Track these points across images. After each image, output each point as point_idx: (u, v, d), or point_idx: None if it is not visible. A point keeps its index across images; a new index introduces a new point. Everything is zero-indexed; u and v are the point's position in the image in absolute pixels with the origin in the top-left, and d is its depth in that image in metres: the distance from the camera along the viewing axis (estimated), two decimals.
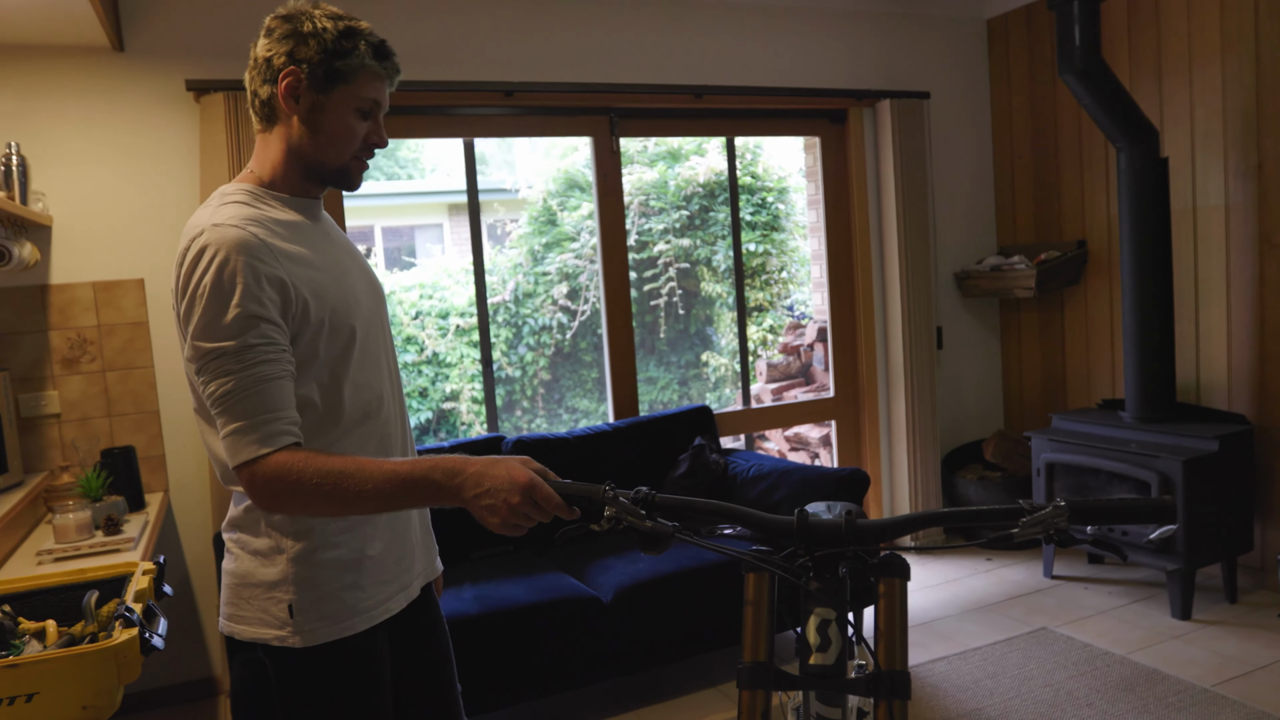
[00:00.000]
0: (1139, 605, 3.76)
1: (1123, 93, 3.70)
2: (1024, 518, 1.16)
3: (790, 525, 1.20)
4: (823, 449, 5.89)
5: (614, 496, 1.23)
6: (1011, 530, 1.16)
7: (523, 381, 7.35)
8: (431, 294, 7.27)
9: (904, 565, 1.20)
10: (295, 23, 1.45)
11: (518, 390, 7.37)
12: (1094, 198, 4.44)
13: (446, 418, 7.14)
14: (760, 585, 1.22)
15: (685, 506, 1.24)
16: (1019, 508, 1.16)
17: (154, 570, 1.99)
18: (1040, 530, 1.15)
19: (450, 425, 7.11)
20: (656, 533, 1.21)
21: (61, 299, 3.23)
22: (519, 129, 4.02)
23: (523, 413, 7.41)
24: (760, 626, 1.21)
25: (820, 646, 1.18)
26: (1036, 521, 1.15)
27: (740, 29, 4.29)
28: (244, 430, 1.32)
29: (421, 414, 7.01)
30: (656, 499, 1.23)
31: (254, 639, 1.50)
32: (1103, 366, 4.49)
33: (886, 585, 1.20)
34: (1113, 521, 1.16)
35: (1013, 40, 4.78)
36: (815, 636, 1.18)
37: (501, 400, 7.22)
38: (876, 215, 4.61)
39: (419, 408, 7.01)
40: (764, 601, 1.22)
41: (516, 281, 7.29)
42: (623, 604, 3.10)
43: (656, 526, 1.21)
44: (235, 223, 1.38)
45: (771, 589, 1.23)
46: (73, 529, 2.58)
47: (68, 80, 3.21)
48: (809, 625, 1.19)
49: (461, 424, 7.09)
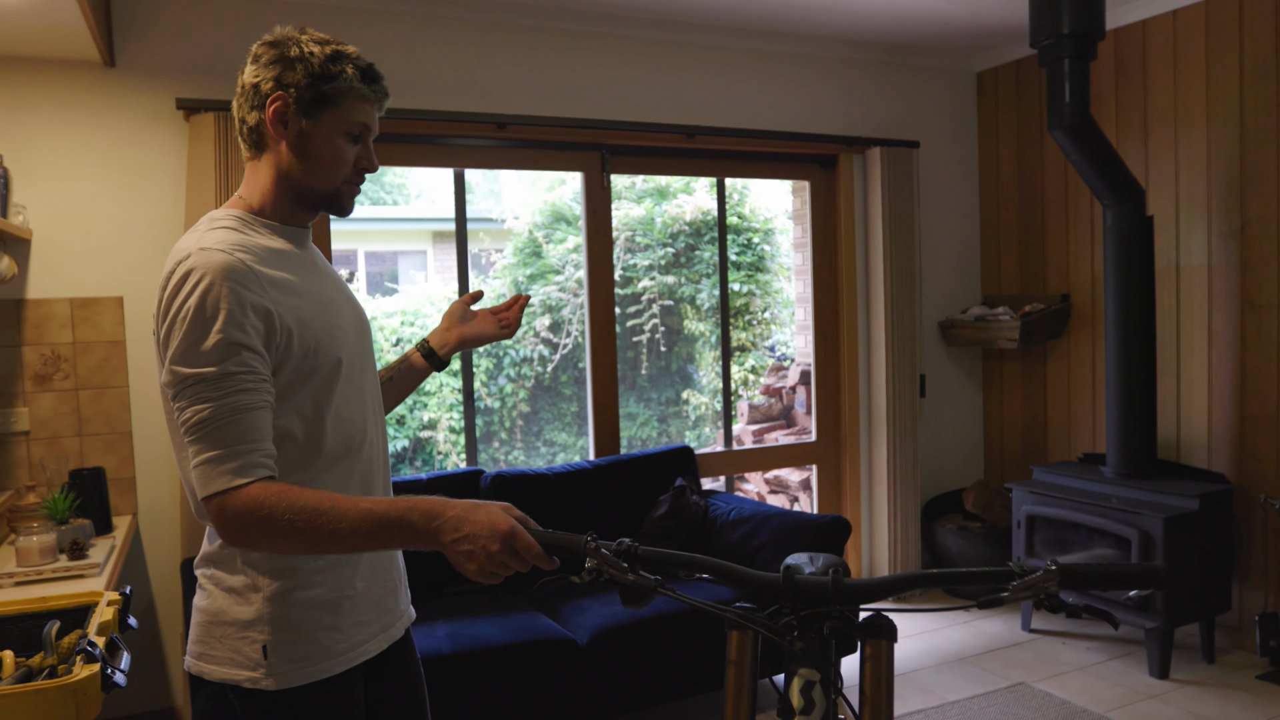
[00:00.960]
0: (1117, 662, 3.74)
1: (1110, 151, 3.74)
2: (1015, 580, 1.14)
3: (776, 583, 1.17)
4: (802, 492, 5.87)
5: (596, 548, 1.19)
6: (1001, 593, 1.13)
7: (501, 413, 7.30)
8: (413, 321, 7.23)
9: (891, 626, 1.18)
10: (282, 48, 1.44)
11: (496, 421, 7.32)
12: (1079, 252, 4.48)
13: (423, 446, 7.07)
14: (744, 644, 1.19)
15: (669, 560, 1.21)
16: (1009, 570, 1.14)
17: (119, 601, 1.93)
18: (1031, 594, 1.12)
19: (427, 454, 7.04)
20: (639, 586, 1.18)
21: (37, 314, 3.17)
22: (510, 161, 4.02)
23: (500, 444, 7.35)
24: (743, 688, 1.18)
25: (804, 709, 1.15)
26: (1027, 585, 1.13)
27: (734, 71, 4.32)
28: (217, 460, 1.27)
29: (398, 441, 6.94)
30: (639, 551, 1.20)
31: (224, 679, 1.45)
32: (1084, 420, 4.50)
33: (873, 647, 1.17)
34: (1104, 587, 1.14)
35: (1002, 94, 4.84)
36: (799, 699, 1.15)
37: (480, 431, 7.16)
38: (863, 261, 4.63)
39: (395, 434, 6.94)
40: (746, 661, 1.19)
41: None
42: (599, 647, 3.05)
43: (639, 580, 1.18)
44: (223, 248, 1.36)
45: (755, 648, 1.20)
46: (36, 552, 2.51)
47: (56, 93, 3.18)
48: (793, 686, 1.16)
49: (438, 453, 7.02)
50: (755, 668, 1.19)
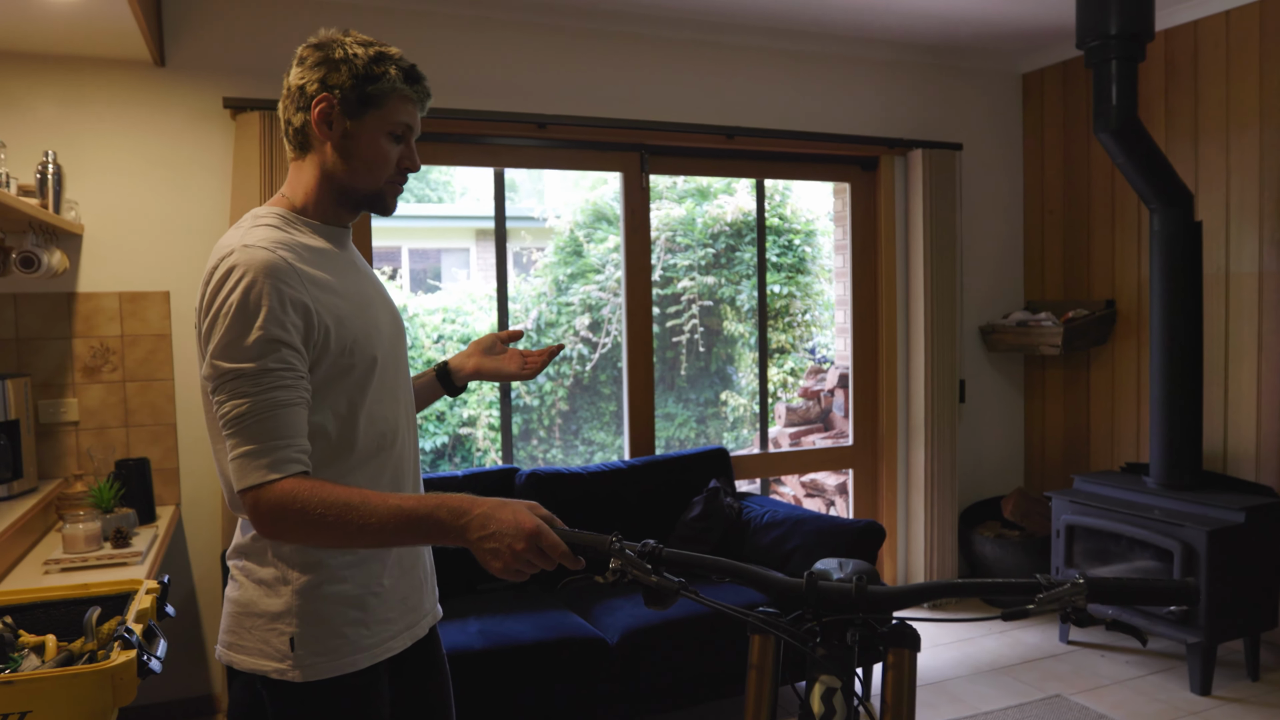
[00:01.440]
0: (1157, 677, 3.67)
1: (1158, 154, 3.67)
2: (1041, 594, 1.12)
3: (799, 588, 1.16)
4: (838, 496, 5.83)
5: (620, 549, 1.20)
6: (1027, 606, 1.12)
7: (540, 411, 7.34)
8: (454, 319, 7.30)
9: (914, 636, 1.17)
10: (327, 50, 1.47)
11: (535, 420, 7.36)
12: (1125, 257, 4.40)
13: (462, 443, 7.13)
14: (765, 648, 1.19)
15: (692, 563, 1.21)
16: (1036, 583, 1.12)
17: (158, 589, 1.98)
18: (1057, 607, 1.11)
19: (466, 450, 7.10)
20: (661, 588, 1.18)
21: (87, 307, 3.25)
22: (550, 161, 4.04)
23: (539, 442, 7.39)
24: (764, 693, 1.18)
25: (824, 716, 1.14)
26: (1054, 598, 1.11)
27: (774, 73, 4.30)
28: (254, 454, 1.30)
29: (437, 438, 7.00)
30: (663, 553, 1.20)
31: (252, 670, 1.47)
32: (1128, 429, 4.42)
33: (896, 656, 1.16)
34: (1133, 602, 1.12)
35: (1048, 95, 4.77)
36: (820, 705, 1.15)
37: (519, 429, 7.21)
38: (904, 264, 4.59)
39: (435, 431, 7.01)
40: (768, 666, 1.19)
41: (539, 310, 7.30)
42: (629, 647, 3.05)
43: (662, 582, 1.18)
44: (266, 245, 1.38)
45: (777, 653, 1.19)
46: (81, 539, 2.58)
47: (107, 92, 3.26)
48: (814, 692, 1.16)
49: (477, 449, 7.08)
50: (777, 672, 1.19)
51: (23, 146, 3.10)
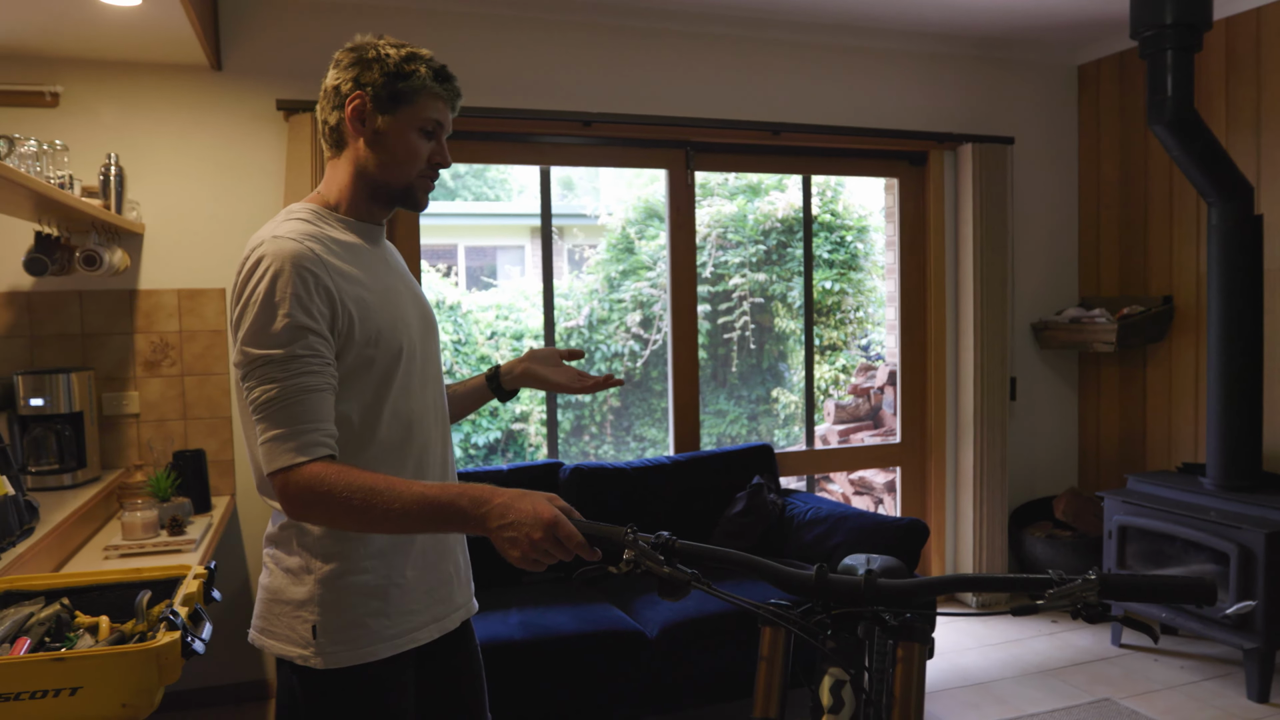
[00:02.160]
0: (1212, 683, 3.58)
1: (1216, 146, 3.57)
2: (1051, 589, 1.11)
3: (809, 581, 1.17)
4: (887, 495, 5.78)
5: (634, 539, 1.22)
6: (1037, 601, 1.11)
7: (592, 407, 7.39)
8: (507, 315, 7.39)
9: (924, 630, 1.17)
10: (360, 52, 1.53)
11: (587, 416, 7.41)
12: (1183, 252, 4.29)
13: (515, 438, 7.22)
14: (776, 640, 1.20)
15: (705, 555, 1.23)
16: (1048, 578, 1.12)
17: (205, 575, 2.05)
18: (1068, 603, 1.10)
19: (518, 446, 7.18)
20: (673, 579, 1.20)
21: (148, 304, 3.37)
22: (595, 159, 4.07)
23: (591, 438, 7.44)
24: (773, 682, 1.19)
25: (833, 708, 1.16)
26: (1064, 594, 1.10)
27: (820, 68, 4.28)
28: (282, 438, 1.35)
29: (490, 433, 7.10)
30: (676, 545, 1.22)
31: (280, 654, 1.53)
32: (1185, 428, 4.30)
33: (905, 650, 1.17)
34: (1147, 600, 1.10)
35: (1104, 86, 4.66)
36: (828, 697, 1.16)
37: (570, 425, 7.28)
38: (953, 260, 4.53)
39: (488, 427, 7.10)
40: (778, 657, 1.20)
41: (591, 307, 7.35)
42: (668, 640, 3.07)
43: (674, 573, 1.20)
44: (294, 237, 1.43)
45: (787, 645, 1.21)
46: (139, 527, 2.68)
47: (167, 96, 3.38)
48: (823, 684, 1.17)
49: (529, 445, 7.16)
50: (787, 664, 1.20)
51: (87, 149, 3.22)
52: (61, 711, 1.56)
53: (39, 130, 3.12)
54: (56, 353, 3.27)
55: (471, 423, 7.02)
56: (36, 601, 1.91)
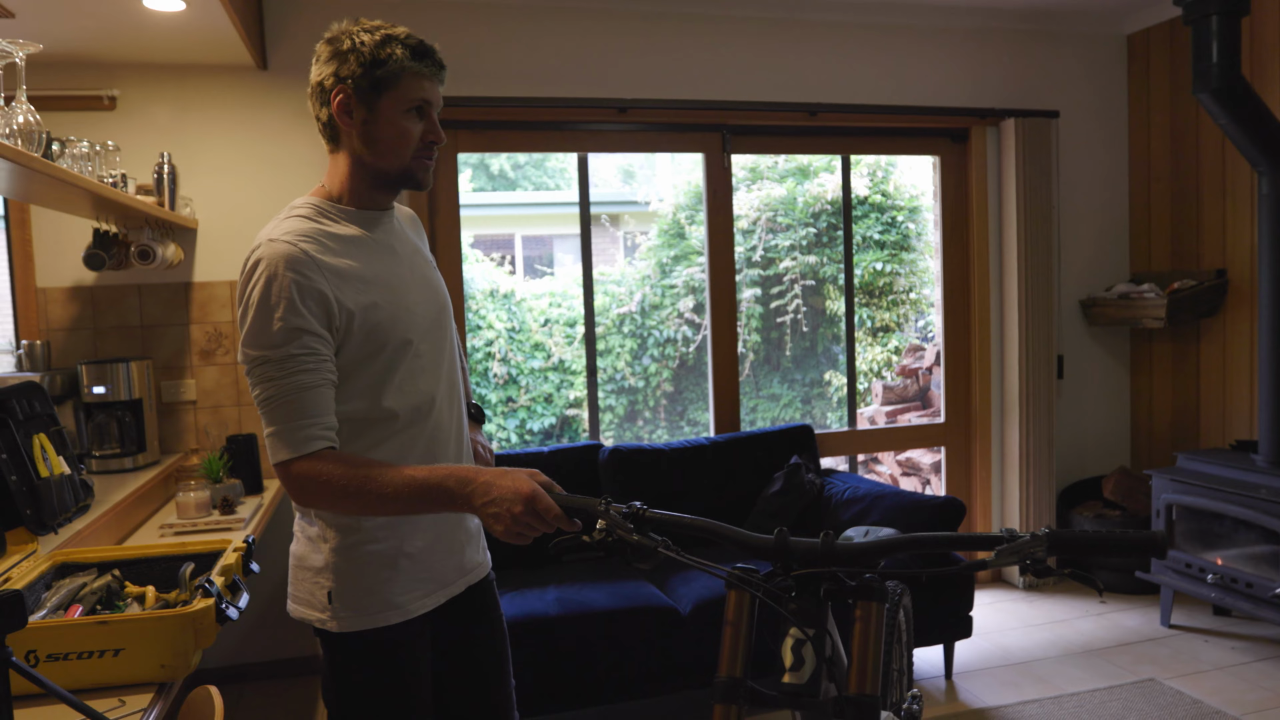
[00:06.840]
0: (1263, 664, 3.50)
1: (1265, 113, 3.47)
2: (1002, 545, 1.14)
3: (769, 545, 1.22)
4: (934, 475, 5.73)
5: (607, 510, 1.28)
6: (985, 559, 1.15)
7: (645, 392, 7.46)
8: (560, 303, 7.49)
9: (882, 590, 1.21)
10: (336, 44, 1.56)
11: (640, 400, 7.49)
12: (1238, 225, 4.17)
13: (569, 423, 7.33)
14: (740, 603, 1.26)
15: (673, 523, 1.28)
16: (998, 536, 1.15)
17: (244, 549, 2.18)
18: (1016, 559, 1.13)
19: (573, 431, 7.29)
20: (641, 547, 1.26)
21: (202, 296, 3.54)
22: (632, 144, 4.12)
23: (644, 423, 7.51)
24: (738, 644, 1.24)
25: (793, 666, 1.20)
26: (1013, 550, 1.13)
27: (855, 47, 4.26)
28: (281, 434, 1.44)
29: (545, 419, 7.22)
30: (647, 514, 1.28)
31: (303, 618, 1.63)
32: (1241, 405, 4.19)
33: (863, 609, 1.21)
34: (1096, 554, 1.13)
35: (1154, 56, 4.54)
36: (789, 656, 1.21)
37: (624, 410, 7.35)
38: (997, 237, 4.47)
39: (543, 413, 7.22)
40: (743, 620, 1.25)
41: (643, 293, 7.41)
42: (701, 618, 3.13)
43: (642, 540, 1.26)
44: (288, 238, 1.49)
45: (752, 608, 1.26)
46: (193, 506, 2.84)
47: (216, 96, 3.53)
48: (784, 644, 1.21)
49: (583, 430, 7.26)
50: (752, 628, 1.25)
51: (141, 149, 3.39)
52: (106, 671, 1.69)
53: (98, 132, 3.29)
54: (117, 343, 3.46)
55: (527, 409, 7.16)
56: (90, 573, 2.07)
